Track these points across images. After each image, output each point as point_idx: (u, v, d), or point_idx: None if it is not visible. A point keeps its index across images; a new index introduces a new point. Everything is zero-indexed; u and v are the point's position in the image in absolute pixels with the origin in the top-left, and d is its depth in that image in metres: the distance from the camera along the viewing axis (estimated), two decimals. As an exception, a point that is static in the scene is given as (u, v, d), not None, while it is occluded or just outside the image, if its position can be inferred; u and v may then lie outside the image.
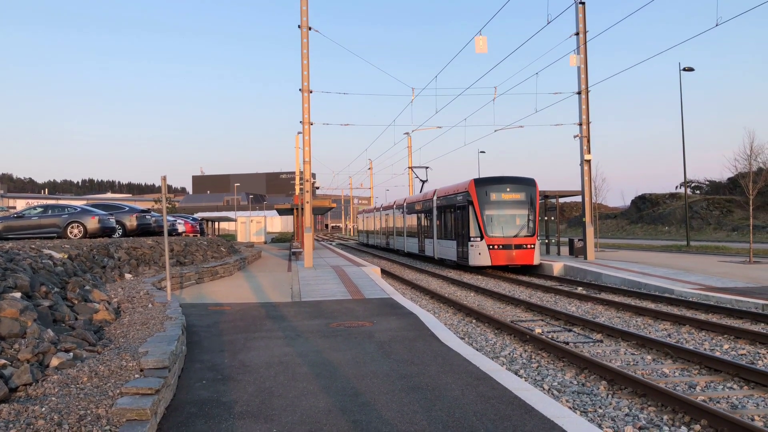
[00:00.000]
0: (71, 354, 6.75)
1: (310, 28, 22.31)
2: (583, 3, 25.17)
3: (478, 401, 5.83)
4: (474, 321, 13.02)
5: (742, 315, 12.40)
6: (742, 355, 9.27)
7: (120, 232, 22.57)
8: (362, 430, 5.08)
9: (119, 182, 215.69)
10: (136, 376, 5.78)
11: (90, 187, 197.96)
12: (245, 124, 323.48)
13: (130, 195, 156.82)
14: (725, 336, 10.61)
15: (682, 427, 6.08)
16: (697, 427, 6.04)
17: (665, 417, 6.43)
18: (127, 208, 24.79)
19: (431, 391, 6.22)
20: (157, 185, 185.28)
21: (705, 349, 9.55)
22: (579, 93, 25.32)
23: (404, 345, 8.53)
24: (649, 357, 9.23)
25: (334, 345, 8.62)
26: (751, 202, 23.28)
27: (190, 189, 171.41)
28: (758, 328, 11.24)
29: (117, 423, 4.79)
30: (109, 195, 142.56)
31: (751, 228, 24.56)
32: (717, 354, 9.13)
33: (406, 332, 9.51)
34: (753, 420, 6.26)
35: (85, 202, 43.23)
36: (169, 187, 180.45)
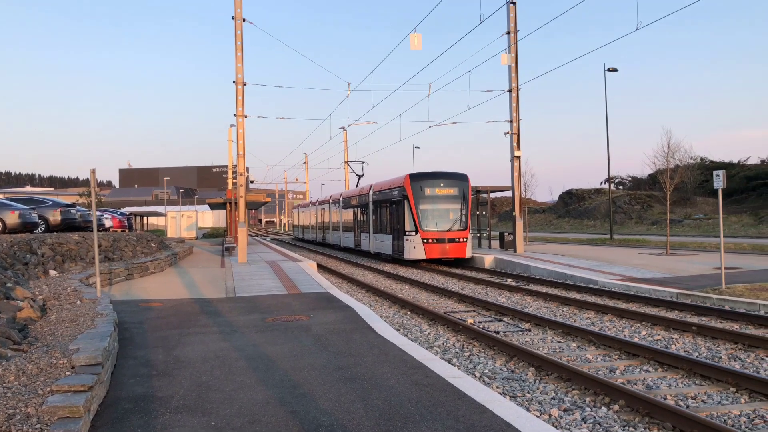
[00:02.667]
0: (-5, 353, 6.50)
1: (244, 20, 22.01)
2: (514, 3, 25.87)
3: (413, 389, 6.02)
4: (409, 313, 13.28)
5: (658, 303, 13.18)
6: (657, 340, 9.88)
7: (43, 227, 21.58)
8: (301, 420, 5.17)
9: (40, 175, 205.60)
10: (67, 373, 5.65)
11: (7, 180, 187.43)
12: (175, 117, 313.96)
13: (52, 189, 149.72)
14: (643, 323, 11.26)
15: (603, 408, 6.48)
16: (616, 407, 6.45)
17: (587, 399, 6.83)
18: (51, 203, 23.69)
19: (368, 380, 6.36)
20: (81, 179, 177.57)
21: (625, 336, 10.11)
22: (510, 91, 26.05)
23: (341, 337, 8.65)
24: (574, 344, 9.70)
25: (271, 339, 8.64)
26: (668, 197, 24.58)
27: (116, 183, 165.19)
28: (672, 315, 11.98)
29: (48, 421, 4.68)
30: (28, 188, 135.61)
31: (668, 222, 25.98)
32: (635, 340, 9.70)
33: (343, 325, 9.63)
34: (665, 399, 6.73)
35: (2, 196, 40.99)
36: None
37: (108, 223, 29.50)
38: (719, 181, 14.31)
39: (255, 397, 5.85)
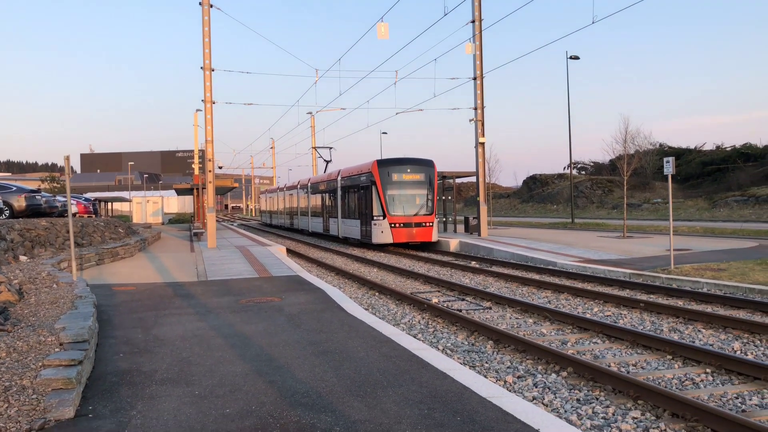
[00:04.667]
0: (-19, 333, 6.80)
1: (211, 6, 22.05)
2: (479, -8, 26.39)
3: (381, 360, 6.55)
4: (377, 294, 13.83)
5: (612, 283, 13.97)
6: (607, 315, 10.62)
7: (7, 213, 21.44)
8: (279, 389, 5.65)
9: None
10: (56, 349, 6.02)
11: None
12: (138, 100, 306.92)
13: (10, 174, 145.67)
14: (596, 301, 12.01)
15: (553, 374, 7.13)
16: (564, 373, 7.11)
17: (540, 367, 7.48)
18: (15, 188, 23.45)
19: (339, 353, 6.88)
20: (40, 163, 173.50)
21: (578, 313, 10.82)
22: (474, 79, 26.65)
23: (313, 316, 9.14)
24: (530, 320, 10.38)
25: (246, 319, 9.08)
26: (625, 182, 25.60)
27: (78, 168, 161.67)
28: (624, 293, 12.76)
29: (43, 392, 5.08)
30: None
31: (625, 206, 27.11)
32: (587, 316, 10.40)
33: (314, 305, 10.11)
34: (609, 366, 7.41)
35: (-39, 182, 40.07)
36: (55, 166, 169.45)
37: (74, 209, 29.25)
38: (668, 167, 15.13)
39: (234, 369, 6.31)
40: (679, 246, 19.69)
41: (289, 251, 24.46)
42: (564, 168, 72.50)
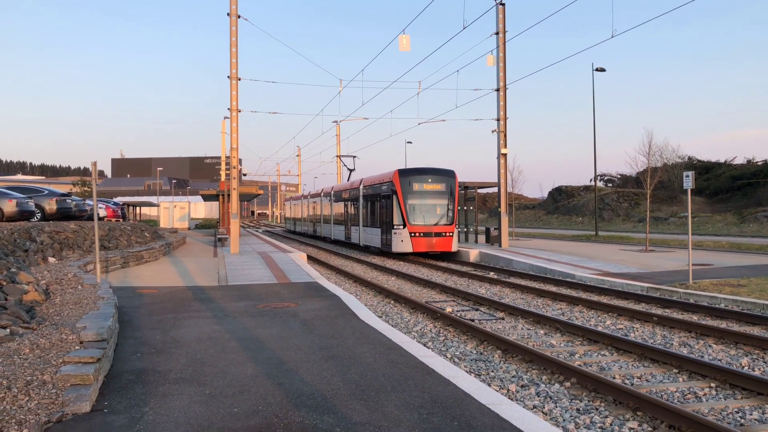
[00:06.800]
0: (8, 330, 7.16)
1: (239, 16, 22.58)
2: (503, 4, 26.56)
3: (387, 366, 6.74)
4: (392, 302, 14.01)
5: (628, 296, 13.93)
6: (620, 329, 10.64)
7: (39, 216, 22.13)
8: (286, 390, 5.87)
9: (31, 164, 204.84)
10: (77, 347, 6.33)
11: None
12: (168, 107, 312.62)
13: (44, 177, 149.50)
14: (610, 314, 12.02)
15: (556, 384, 7.24)
16: (568, 384, 7.21)
17: (544, 377, 7.59)
18: (47, 192, 24.23)
19: (347, 359, 7.07)
20: (72, 167, 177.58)
21: (590, 325, 10.86)
22: (497, 90, 26.75)
23: (326, 322, 9.35)
24: (541, 331, 10.46)
25: (261, 323, 9.34)
26: (648, 195, 25.44)
27: (108, 173, 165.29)
28: (638, 307, 12.72)
29: (62, 387, 5.38)
30: (20, 177, 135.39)
31: (647, 219, 26.87)
32: (599, 328, 10.43)
33: (329, 312, 10.34)
34: (614, 378, 7.49)
35: (-3, 184, 41.40)
36: (86, 170, 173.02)
37: (102, 212, 30.04)
38: (688, 181, 15.07)
39: (245, 371, 6.55)
40: (702, 261, 19.50)
41: (310, 258, 24.78)
42: (590, 180, 72.02)
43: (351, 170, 42.88)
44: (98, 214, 29.23)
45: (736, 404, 6.49)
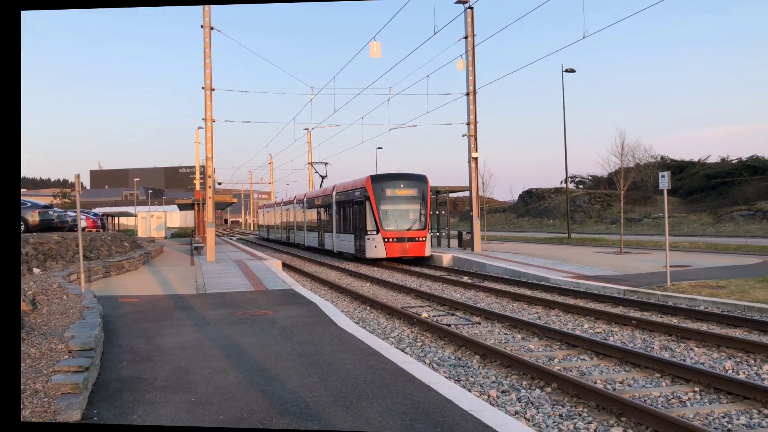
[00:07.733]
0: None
1: (212, 28, 22.56)
2: (472, 8, 26.85)
3: (367, 372, 6.86)
4: (369, 308, 14.13)
5: (605, 299, 13.97)
6: (598, 332, 10.73)
7: (22, 228, 21.85)
8: (269, 398, 5.97)
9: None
10: (66, 357, 6.43)
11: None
12: (143, 119, 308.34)
13: (25, 190, 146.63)
14: (587, 317, 12.09)
15: (537, 390, 7.40)
16: (549, 389, 7.35)
17: (524, 382, 7.74)
18: (30, 204, 23.93)
19: (328, 365, 7.19)
20: (52, 179, 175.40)
21: (568, 329, 10.97)
22: (467, 94, 27.06)
23: (304, 329, 9.45)
24: (519, 336, 10.64)
25: (241, 331, 9.39)
26: (622, 196, 25.64)
27: (87, 184, 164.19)
28: (616, 310, 12.73)
29: (53, 396, 5.47)
30: None
31: (621, 221, 27.28)
32: (577, 332, 10.49)
33: (306, 318, 10.43)
34: (595, 383, 7.58)
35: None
36: (66, 182, 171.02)
37: (83, 223, 29.65)
38: (664, 182, 15.00)
39: (229, 379, 6.63)
40: (679, 262, 19.49)
41: (285, 265, 24.75)
42: (561, 182, 72.59)
43: (323, 177, 42.94)
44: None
45: (722, 409, 6.54)
